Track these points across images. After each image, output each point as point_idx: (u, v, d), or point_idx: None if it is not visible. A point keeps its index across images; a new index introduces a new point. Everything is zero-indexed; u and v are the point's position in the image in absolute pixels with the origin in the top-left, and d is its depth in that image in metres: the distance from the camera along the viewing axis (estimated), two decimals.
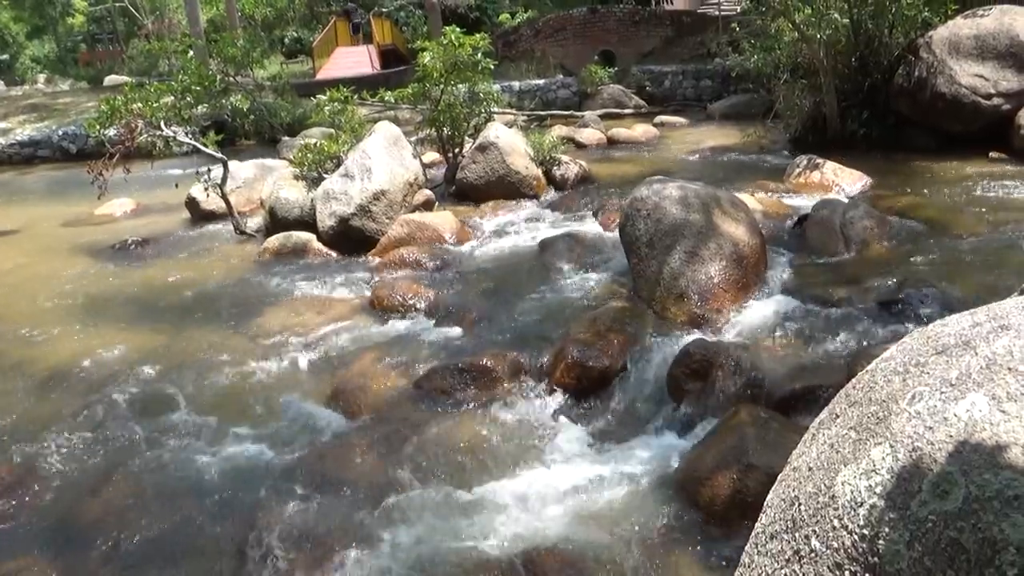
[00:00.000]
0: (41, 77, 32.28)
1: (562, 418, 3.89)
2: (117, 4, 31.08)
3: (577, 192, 8.38)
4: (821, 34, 8.97)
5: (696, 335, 4.34)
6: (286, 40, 27.96)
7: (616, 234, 5.72)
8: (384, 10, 24.97)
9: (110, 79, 23.51)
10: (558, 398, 4.04)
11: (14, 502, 3.45)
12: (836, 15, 9.03)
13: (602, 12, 17.97)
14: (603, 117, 13.84)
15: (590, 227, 6.85)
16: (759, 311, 4.59)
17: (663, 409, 3.90)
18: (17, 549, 3.18)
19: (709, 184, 5.62)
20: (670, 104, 15.48)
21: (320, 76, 18.73)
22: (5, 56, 33.66)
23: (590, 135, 11.91)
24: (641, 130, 12.20)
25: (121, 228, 8.82)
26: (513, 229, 7.16)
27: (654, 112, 14.52)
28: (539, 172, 8.34)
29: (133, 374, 4.70)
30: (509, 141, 8.16)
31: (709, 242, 4.83)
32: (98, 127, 7.96)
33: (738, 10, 17.72)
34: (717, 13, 17.96)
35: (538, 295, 5.41)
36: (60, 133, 15.86)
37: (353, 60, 20.09)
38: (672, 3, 20.82)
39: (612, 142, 11.85)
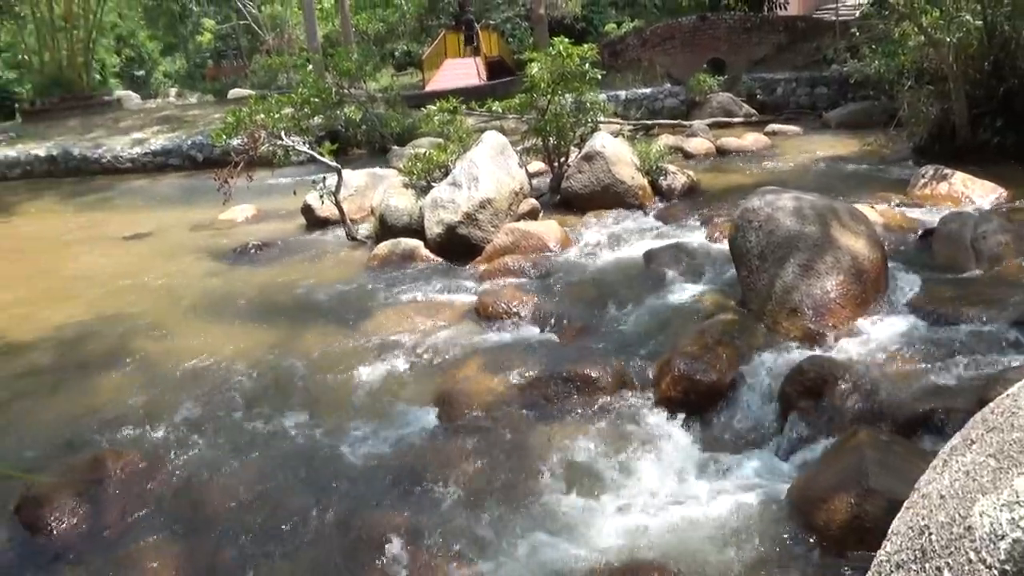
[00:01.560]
0: (172, 91, 34.61)
1: (667, 431, 3.82)
2: (242, 22, 32.93)
3: (684, 203, 8.24)
4: (951, 37, 8.47)
5: (810, 351, 4.18)
6: (396, 53, 28.86)
7: (725, 246, 5.58)
8: (491, 22, 25.40)
9: (233, 92, 24.91)
10: (663, 411, 3.97)
11: (146, 486, 3.69)
12: (968, 17, 8.51)
13: (712, 20, 17.62)
14: (712, 126, 13.56)
15: (697, 238, 6.71)
16: (879, 328, 4.37)
17: (774, 427, 3.78)
18: (146, 530, 3.40)
19: (825, 195, 5.40)
20: (782, 113, 14.97)
21: (429, 88, 19.20)
22: (142, 72, 36.25)
23: (698, 145, 11.68)
24: (752, 139, 11.85)
25: (242, 232, 9.32)
26: (618, 239, 7.10)
27: (765, 121, 14.08)
28: (645, 182, 8.24)
29: (252, 371, 4.95)
30: (615, 151, 8.11)
31: (825, 255, 4.63)
32: (224, 137, 8.45)
33: (857, 14, 16.97)
34: (835, 18, 17.26)
35: (643, 306, 5.34)
36: (189, 143, 16.91)
37: (461, 72, 20.50)
38: (786, 8, 20.17)
39: (721, 152, 11.58)
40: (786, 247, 4.72)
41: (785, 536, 2.94)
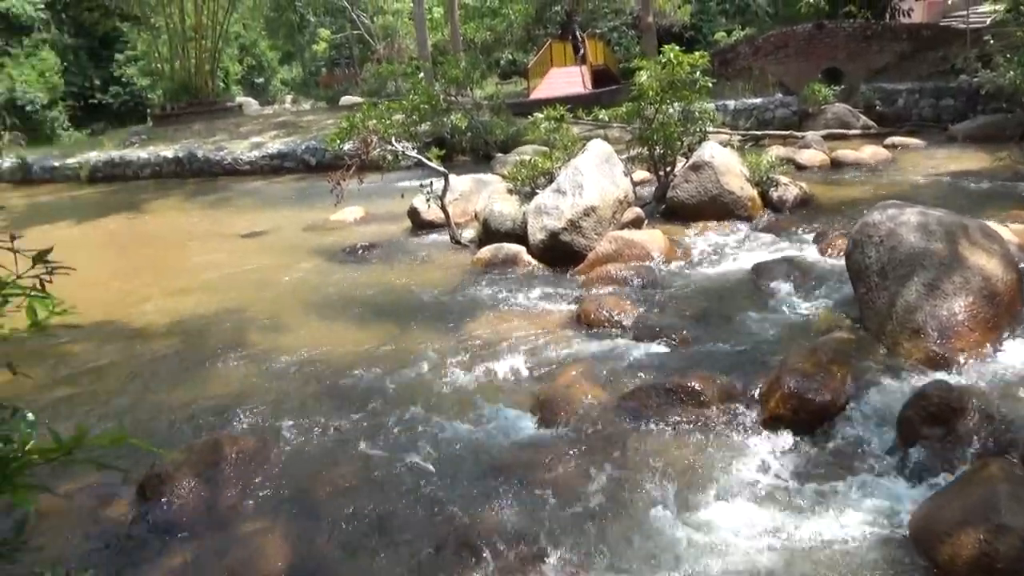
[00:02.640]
0: (288, 98, 36.33)
1: (775, 450, 3.67)
2: (355, 32, 34.19)
3: (796, 215, 7.95)
4: None
5: (933, 375, 3.93)
6: (502, 62, 29.26)
7: (840, 261, 5.35)
8: (597, 31, 25.36)
9: (345, 99, 25.90)
10: (771, 429, 3.82)
11: (258, 470, 3.85)
12: None
13: (829, 28, 16.93)
14: (826, 138, 13.01)
15: (810, 252, 6.46)
16: (1014, 355, 4.07)
17: (891, 453, 3.56)
18: (256, 512, 3.55)
19: (952, 212, 5.08)
20: (904, 124, 14.20)
21: (534, 96, 19.34)
22: (261, 79, 38.15)
23: (811, 156, 11.24)
24: (869, 152, 11.31)
25: (351, 233, 9.64)
26: (724, 251, 6.92)
27: (884, 133, 13.41)
28: (754, 193, 8.01)
29: (358, 366, 5.10)
30: (724, 160, 7.91)
31: (953, 274, 4.35)
32: (338, 141, 8.78)
33: (988, 21, 15.95)
34: (964, 25, 16.27)
35: (750, 320, 5.18)
36: (303, 147, 17.67)
37: (566, 80, 20.55)
38: (910, 16, 19.19)
39: (836, 164, 11.10)
40: (909, 264, 4.47)
41: (904, 570, 2.77)
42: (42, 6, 28.15)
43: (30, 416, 1.56)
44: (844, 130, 14.14)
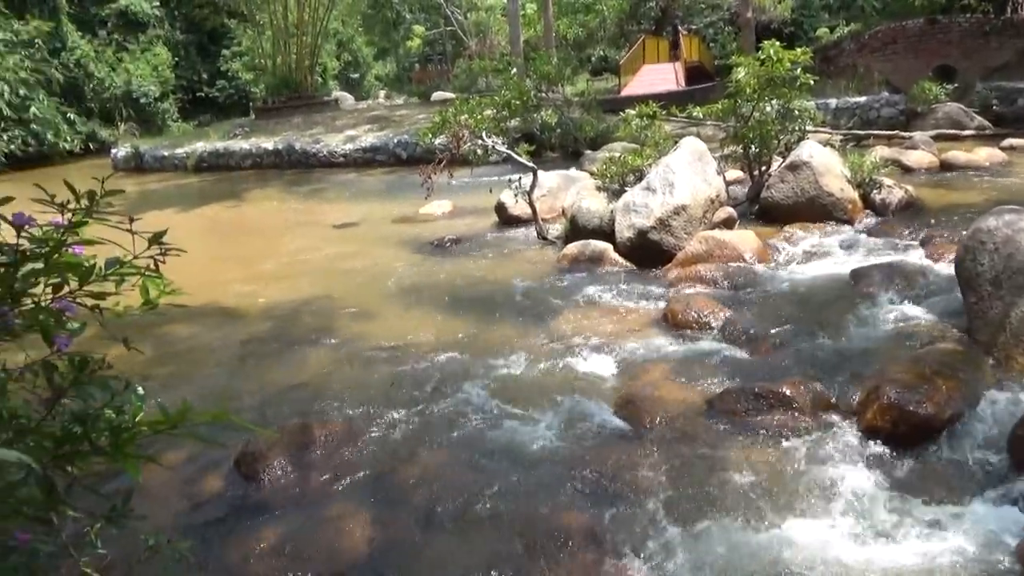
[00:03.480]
0: (382, 93, 37.20)
1: (871, 465, 3.50)
2: (448, 28, 34.68)
3: (900, 219, 7.56)
4: None
5: None
6: (593, 59, 29.09)
7: (948, 268, 5.07)
8: (692, 27, 24.86)
9: (436, 95, 26.30)
10: (867, 442, 3.65)
11: (344, 453, 3.95)
12: None
13: (943, 23, 16.02)
14: (935, 139, 12.32)
15: (914, 258, 6.14)
16: None
17: (1003, 475, 3.34)
18: (343, 495, 3.64)
19: None
20: None
21: (625, 92, 19.12)
22: (356, 75, 39.21)
23: (919, 158, 10.66)
24: (985, 154, 10.62)
25: (439, 227, 9.78)
26: (821, 254, 6.66)
27: (1002, 134, 12.57)
28: (855, 195, 7.66)
29: (443, 357, 5.16)
30: (824, 161, 7.61)
31: None
32: (430, 135, 8.91)
33: None
34: None
35: (848, 326, 4.97)
36: (395, 141, 18.04)
37: (659, 77, 20.23)
38: None
39: (946, 166, 10.48)
40: None
41: None
42: (157, 3, 29.84)
43: (140, 390, 1.63)
44: (956, 131, 13.35)
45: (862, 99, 15.46)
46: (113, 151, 22.71)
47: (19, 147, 23.01)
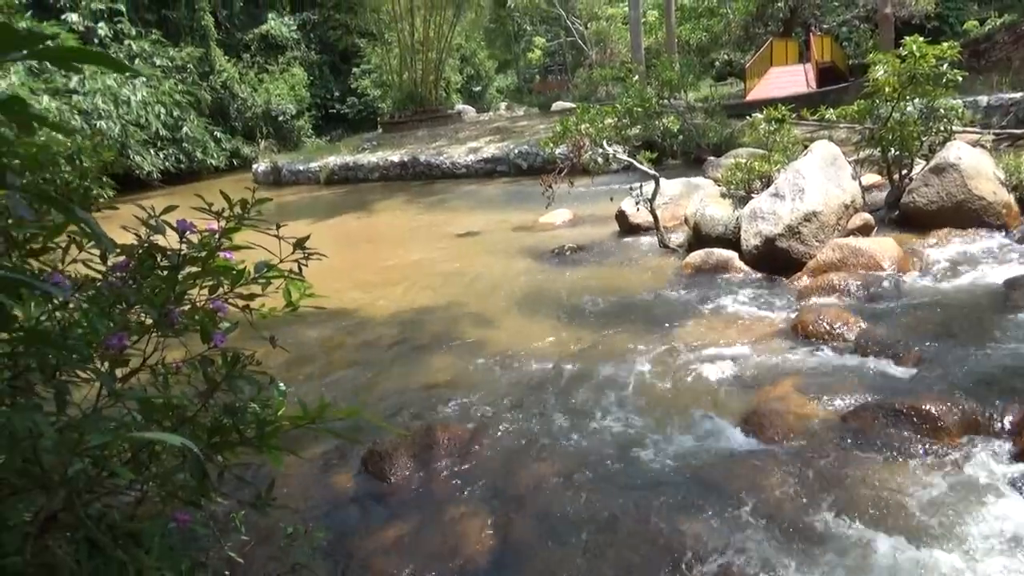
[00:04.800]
0: (503, 104, 37.88)
1: None
2: (568, 39, 34.85)
3: None
4: None
5: None
6: (716, 63, 28.42)
7: None
8: (824, 27, 23.79)
9: (556, 105, 26.51)
10: (1022, 469, 3.34)
11: (466, 457, 4.03)
12: None
13: None
14: None
15: None
16: None
17: None
18: (464, 497, 3.71)
19: None
20: None
21: (750, 97, 18.55)
22: (479, 88, 40.12)
23: None
24: None
25: (559, 235, 9.81)
26: (970, 262, 6.18)
27: None
28: (1011, 199, 7.05)
29: (564, 365, 5.17)
30: (973, 163, 7.06)
31: None
32: (551, 145, 8.97)
33: None
34: None
35: (1000, 341, 4.57)
36: (516, 152, 18.28)
37: (787, 79, 19.49)
38: None
39: None
40: None
41: None
42: (295, 27, 31.74)
43: (282, 386, 1.74)
44: None
45: (1017, 95, 14.25)
46: (254, 166, 24.32)
47: (173, 164, 25.05)
